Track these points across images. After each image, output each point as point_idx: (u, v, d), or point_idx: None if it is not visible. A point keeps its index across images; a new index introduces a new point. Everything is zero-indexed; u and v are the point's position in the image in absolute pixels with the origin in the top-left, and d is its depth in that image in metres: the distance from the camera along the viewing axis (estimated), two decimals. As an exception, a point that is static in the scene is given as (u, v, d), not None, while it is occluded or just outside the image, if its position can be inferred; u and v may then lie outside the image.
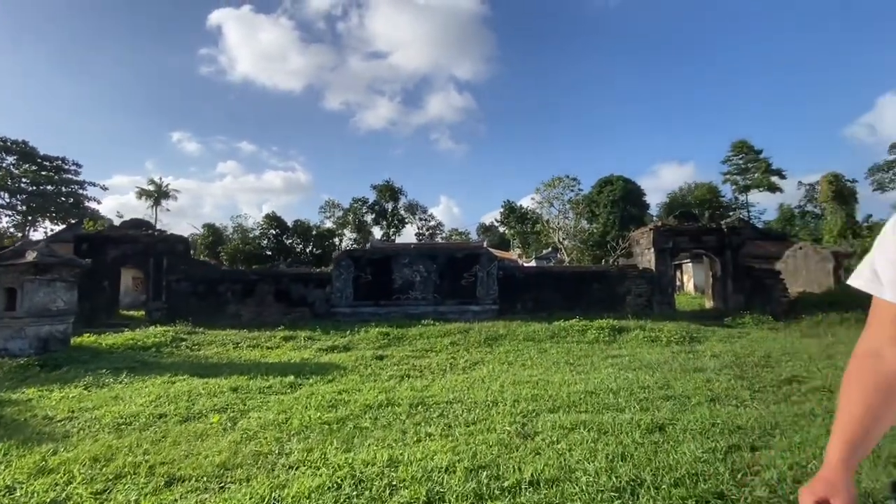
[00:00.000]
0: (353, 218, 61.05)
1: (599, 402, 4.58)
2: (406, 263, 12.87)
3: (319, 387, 5.64)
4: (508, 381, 5.68)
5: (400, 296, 12.83)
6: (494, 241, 57.86)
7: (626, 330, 10.16)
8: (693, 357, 7.40)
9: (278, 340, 10.00)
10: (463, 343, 9.27)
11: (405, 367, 7.00)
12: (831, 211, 36.30)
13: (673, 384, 5.37)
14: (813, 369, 6.25)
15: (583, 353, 8.08)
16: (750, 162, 50.70)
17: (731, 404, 4.50)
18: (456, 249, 13.21)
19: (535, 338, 9.66)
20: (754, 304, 14.03)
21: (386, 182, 64.07)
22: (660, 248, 14.03)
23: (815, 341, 9.17)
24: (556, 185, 31.42)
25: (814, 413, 4.10)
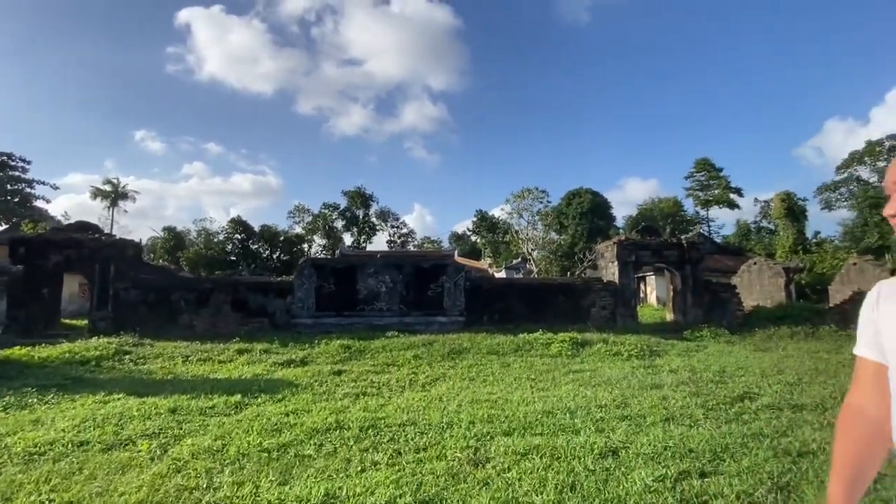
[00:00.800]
0: (323, 224, 59.98)
1: (556, 423, 4.48)
2: (372, 273, 12.58)
3: (267, 407, 5.32)
4: (467, 399, 5.53)
5: (364, 306, 12.52)
6: (466, 250, 58.08)
7: (590, 343, 10.21)
8: (652, 372, 7.47)
9: (232, 353, 9.52)
10: (426, 357, 9.07)
11: (363, 384, 6.74)
12: (783, 227, 38.24)
13: (630, 402, 5.35)
14: (764, 385, 6.39)
15: (545, 367, 8.02)
16: (711, 179, 53.03)
17: (685, 424, 4.50)
18: (423, 259, 13.03)
19: (499, 351, 9.57)
20: (712, 317, 14.47)
21: (357, 188, 63.38)
22: (623, 261, 14.30)
23: (766, 355, 9.47)
24: (526, 196, 31.85)
25: (762, 433, 4.13)
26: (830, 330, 12.16)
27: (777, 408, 5.18)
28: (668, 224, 41.89)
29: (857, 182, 43.51)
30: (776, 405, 5.27)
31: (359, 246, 58.12)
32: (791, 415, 4.89)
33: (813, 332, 12.25)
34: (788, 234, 37.29)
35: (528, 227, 32.17)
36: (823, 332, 12.13)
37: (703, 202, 53.43)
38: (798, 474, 3.19)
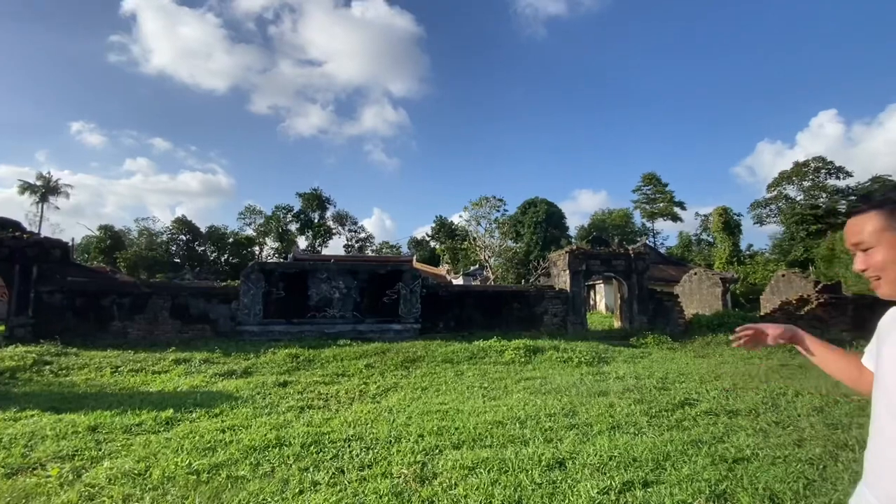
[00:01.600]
0: (276, 226, 57.87)
1: (505, 434, 4.45)
2: (324, 279, 12.18)
3: (201, 423, 4.94)
4: (418, 411, 5.40)
5: (316, 313, 12.09)
6: (425, 256, 57.90)
7: (542, 350, 10.36)
8: (600, 379, 7.66)
9: (168, 363, 8.87)
10: (378, 366, 8.85)
11: (309, 396, 6.44)
12: (721, 240, 40.96)
13: (578, 410, 5.42)
14: (703, 391, 6.70)
15: (498, 375, 8.04)
16: (657, 193, 56.08)
17: (630, 432, 4.60)
18: (378, 265, 12.79)
19: (453, 359, 9.50)
20: (656, 325, 15.16)
21: (314, 190, 61.78)
22: (574, 270, 14.71)
23: (705, 361, 10.00)
24: (484, 204, 32.27)
25: (701, 440, 4.29)
26: (761, 337, 13.04)
27: (714, 413, 5.42)
28: (618, 235, 43.78)
29: (785, 199, 47.42)
30: (713, 411, 5.52)
31: (314, 250, 56.53)
32: (727, 420, 5.13)
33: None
34: (725, 246, 39.99)
35: (486, 235, 32.56)
36: (755, 338, 12.99)
37: (650, 214, 56.40)
38: (734, 481, 3.31)
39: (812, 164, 45.98)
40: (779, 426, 4.90)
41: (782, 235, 44.93)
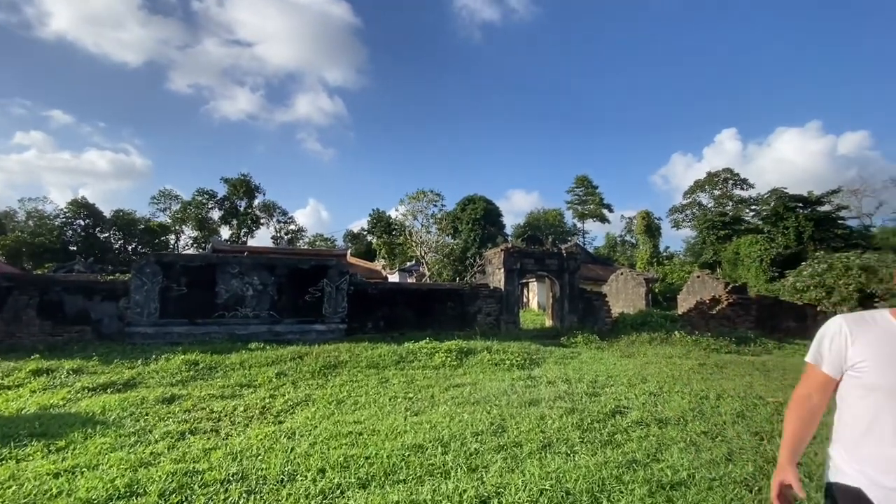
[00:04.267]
0: (196, 213, 53.06)
1: (425, 462, 3.81)
2: (236, 273, 10.83)
3: (31, 464, 3.79)
4: (326, 434, 4.60)
5: (225, 313, 10.72)
6: (362, 250, 56.13)
7: (474, 352, 9.92)
8: (531, 384, 7.30)
9: (24, 375, 7.26)
10: (293, 374, 7.86)
11: (197, 416, 5.39)
12: (643, 242, 43.70)
13: (508, 425, 4.94)
14: (631, 396, 6.55)
15: (426, 382, 7.41)
16: (587, 195, 58.76)
17: (562, 452, 4.17)
18: (301, 260, 11.64)
19: (379, 364, 8.74)
20: (585, 323, 15.43)
21: (242, 176, 57.41)
22: (509, 268, 14.52)
23: (631, 362, 10.10)
24: (421, 198, 31.57)
25: (636, 460, 3.95)
26: (681, 336, 13.65)
27: (645, 423, 5.19)
28: (551, 234, 45.20)
29: (698, 206, 51.70)
30: (644, 420, 5.29)
31: (238, 240, 52.63)
32: (658, 432, 4.89)
33: (667, 338, 13.65)
34: (647, 248, 42.72)
35: (423, 230, 31.91)
36: (675, 337, 13.57)
37: (581, 215, 59.04)
38: (674, 517, 2.93)
39: (722, 174, 50.55)
40: (708, 437, 4.74)
41: (695, 239, 48.91)
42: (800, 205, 39.09)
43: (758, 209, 46.31)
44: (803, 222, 37.30)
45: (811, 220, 37.32)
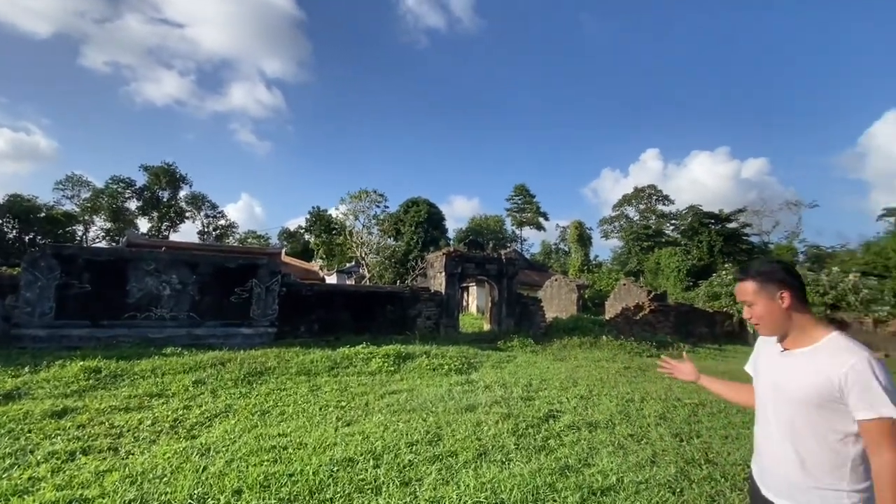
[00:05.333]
0: (109, 203, 48.04)
1: (354, 477, 3.58)
2: (151, 271, 9.80)
3: None
4: (246, 449, 4.20)
5: (137, 314, 9.66)
6: (298, 250, 53.81)
7: (412, 357, 9.73)
8: (469, 389, 7.27)
9: None
10: (212, 382, 7.21)
11: (94, 432, 4.73)
12: (575, 250, 45.94)
13: (444, 433, 4.82)
14: (563, 400, 6.72)
15: (361, 389, 7.12)
16: (526, 203, 60.77)
17: (498, 460, 4.12)
18: (227, 258, 10.81)
19: (311, 370, 8.28)
20: (521, 327, 15.81)
21: (165, 165, 52.87)
22: (450, 272, 14.52)
23: (563, 365, 10.43)
24: (364, 198, 30.85)
25: (568, 466, 3.99)
26: (608, 340, 14.41)
27: (576, 427, 5.32)
28: (492, 240, 46.15)
29: (625, 219, 55.35)
30: (575, 424, 5.42)
31: (158, 234, 48.36)
32: (588, 435, 5.02)
33: (595, 342, 14.34)
34: (578, 256, 44.95)
35: (364, 231, 31.17)
36: (603, 341, 14.30)
37: (519, 223, 60.91)
38: (604, 524, 2.95)
39: (647, 190, 54.57)
40: (634, 439, 4.93)
41: (622, 249, 52.33)
42: (712, 221, 43.15)
43: (677, 224, 50.52)
44: (714, 237, 41.21)
45: (721, 235, 41.32)
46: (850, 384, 1.49)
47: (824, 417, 1.56)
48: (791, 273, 1.74)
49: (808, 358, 1.63)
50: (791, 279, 1.72)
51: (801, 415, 1.61)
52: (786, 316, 1.70)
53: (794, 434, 1.63)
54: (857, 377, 1.49)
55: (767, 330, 1.76)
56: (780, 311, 1.71)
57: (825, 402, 1.55)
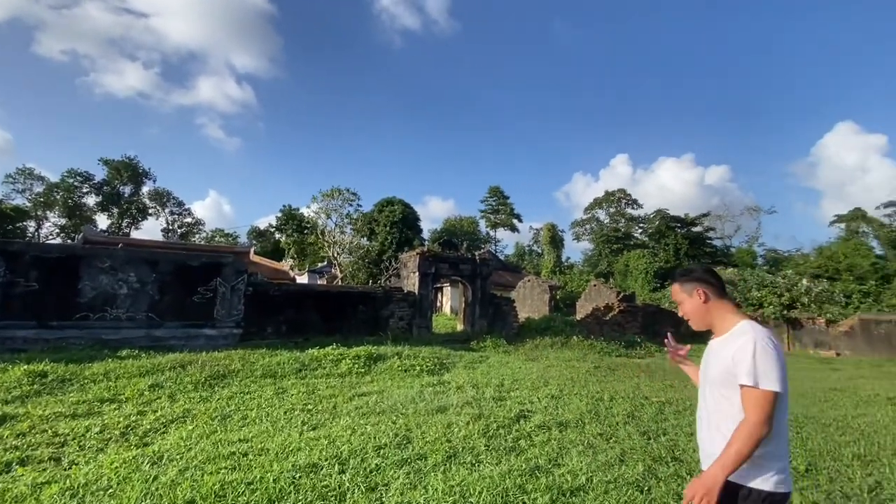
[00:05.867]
0: (65, 198, 45.56)
1: (318, 484, 3.43)
2: (106, 269, 9.27)
3: None
4: (202, 456, 3.97)
5: (90, 314, 9.12)
6: (268, 249, 52.43)
7: (383, 358, 9.57)
8: (440, 390, 7.18)
9: None
10: (171, 385, 6.86)
11: (35, 440, 4.38)
12: (548, 252, 46.60)
13: (413, 436, 4.71)
14: (535, 400, 6.73)
15: (329, 392, 6.92)
16: (500, 205, 61.25)
17: (467, 462, 4.04)
18: (190, 256, 10.36)
19: (277, 373, 8.01)
20: (494, 327, 15.85)
21: (126, 159, 50.57)
22: (424, 272, 14.41)
23: (535, 365, 10.49)
24: (336, 196, 30.32)
25: (538, 467, 3.96)
26: (578, 340, 14.61)
27: (547, 427, 5.31)
28: (466, 241, 46.26)
29: (596, 222, 56.55)
30: (546, 424, 5.41)
31: (119, 231, 46.22)
32: (559, 435, 5.02)
33: (567, 342, 14.52)
34: (551, 257, 45.61)
35: (337, 230, 30.62)
36: (574, 341, 14.49)
37: (493, 224, 61.33)
38: (573, 525, 2.92)
39: (617, 194, 55.94)
40: (603, 438, 4.95)
41: (593, 251, 53.46)
42: (678, 225, 44.63)
43: (645, 227, 52.01)
44: (680, 240, 42.62)
45: (687, 238, 42.79)
46: (736, 360, 1.73)
47: (730, 393, 1.77)
48: (708, 273, 2.01)
49: (723, 343, 1.86)
50: (708, 277, 1.98)
51: (715, 394, 1.83)
52: (705, 310, 1.95)
53: (713, 411, 1.84)
54: (742, 354, 1.72)
55: (695, 323, 2.00)
56: (700, 305, 1.96)
57: (728, 378, 1.77)
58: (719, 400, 1.81)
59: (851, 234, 38.97)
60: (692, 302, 1.98)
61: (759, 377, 1.66)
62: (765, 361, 1.67)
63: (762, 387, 1.65)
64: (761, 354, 1.68)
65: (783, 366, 1.69)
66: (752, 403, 1.66)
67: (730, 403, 1.76)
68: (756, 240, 48.40)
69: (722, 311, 1.92)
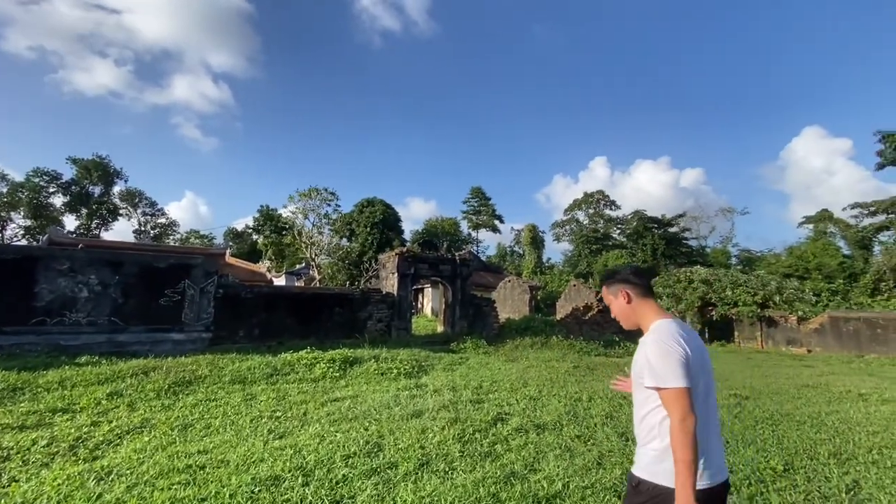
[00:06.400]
0: (30, 198, 43.65)
1: (278, 498, 3.20)
2: (65, 271, 8.78)
3: None
4: (155, 470, 3.70)
5: (47, 319, 8.61)
6: (245, 251, 51.33)
7: (360, 361, 9.33)
8: (417, 394, 6.99)
9: None
10: (131, 393, 6.48)
11: (-31, 458, 4.02)
12: (529, 252, 46.86)
13: (385, 443, 4.52)
14: (513, 402, 6.61)
15: (300, 398, 6.65)
16: (482, 206, 61.37)
17: (440, 469, 3.87)
18: (156, 257, 9.91)
19: (247, 378, 7.69)
20: (475, 328, 15.73)
21: (97, 158, 48.82)
22: (403, 273, 14.19)
23: (514, 366, 10.39)
24: (314, 196, 29.76)
25: (514, 472, 3.81)
26: (558, 340, 14.60)
27: (524, 430, 5.18)
28: (447, 241, 46.14)
29: (576, 223, 57.16)
30: (524, 427, 5.29)
31: (88, 233, 44.54)
32: (536, 438, 4.89)
33: (546, 342, 14.49)
34: (532, 258, 45.87)
35: (314, 230, 30.07)
36: (554, 341, 14.47)
37: (475, 225, 61.41)
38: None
39: (596, 195, 56.68)
40: (581, 440, 4.85)
41: (572, 252, 54.01)
42: (655, 226, 45.45)
43: (623, 228, 52.81)
44: (658, 241, 43.41)
45: (664, 239, 43.60)
46: (640, 363, 1.80)
47: (641, 391, 1.82)
48: (634, 274, 2.02)
49: (640, 344, 1.88)
50: (632, 278, 2.00)
51: (635, 391, 1.89)
52: (630, 310, 1.98)
53: (637, 406, 1.88)
54: (643, 358, 1.78)
55: (623, 323, 2.04)
56: (625, 306, 1.99)
57: (637, 380, 1.84)
58: (637, 396, 1.87)
59: (820, 234, 40.31)
60: (617, 303, 2.01)
61: (660, 378, 1.69)
62: (660, 361, 1.70)
63: (668, 386, 1.67)
64: (656, 355, 1.72)
65: (683, 361, 1.69)
66: (668, 404, 1.68)
67: (644, 399, 1.81)
68: (730, 240, 49.66)
69: (645, 311, 1.94)
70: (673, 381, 1.66)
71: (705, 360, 1.82)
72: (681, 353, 1.71)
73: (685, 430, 1.60)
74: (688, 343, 1.76)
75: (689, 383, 1.67)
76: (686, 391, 1.65)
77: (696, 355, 1.76)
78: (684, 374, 1.67)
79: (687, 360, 1.70)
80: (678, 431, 1.61)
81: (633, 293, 1.97)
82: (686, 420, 1.61)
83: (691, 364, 1.71)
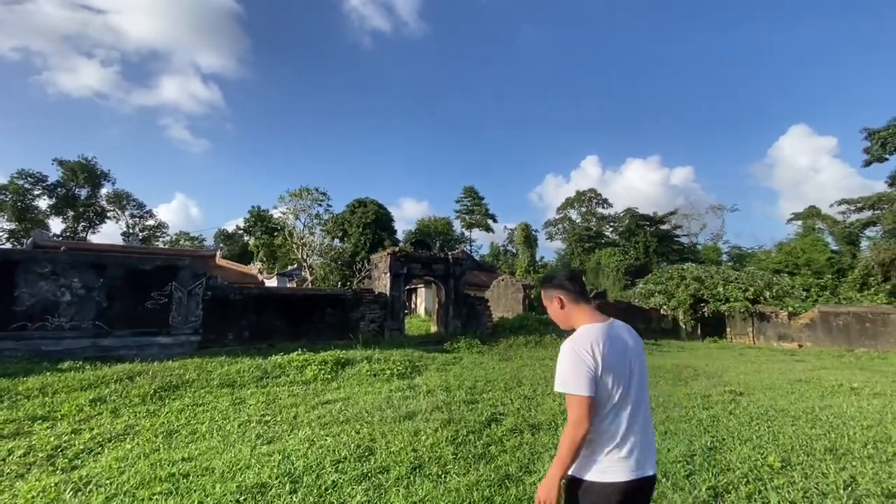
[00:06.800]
0: (14, 201, 42.83)
1: (265, 507, 3.08)
2: (46, 274, 8.54)
3: None
4: (136, 480, 3.55)
5: (28, 324, 8.37)
6: (236, 252, 50.81)
7: (352, 363, 9.19)
8: (410, 395, 6.89)
9: None
10: (115, 399, 6.30)
11: (-60, 470, 3.84)
12: (522, 251, 46.90)
13: (377, 446, 4.40)
14: (507, 401, 6.52)
15: (291, 401, 6.51)
16: (474, 205, 61.32)
17: (433, 473, 3.77)
18: (141, 259, 9.70)
19: (236, 382, 7.52)
20: (468, 328, 15.64)
21: (83, 160, 48.05)
22: (395, 273, 14.06)
23: (508, 365, 10.32)
24: (305, 196, 29.48)
25: (509, 475, 3.72)
26: (552, 338, 14.56)
27: (519, 430, 5.10)
28: (440, 241, 46.02)
29: (568, 221, 57.32)
30: (518, 427, 5.20)
31: (75, 236, 43.82)
32: (531, 438, 4.81)
33: (540, 340, 14.45)
34: (525, 257, 45.92)
35: (306, 231, 29.81)
36: (547, 340, 14.43)
37: (468, 224, 61.34)
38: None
39: (588, 194, 56.88)
40: (576, 440, 4.77)
41: (565, 250, 54.17)
42: (647, 223, 45.70)
43: (615, 226, 53.05)
44: (650, 238, 43.66)
45: (655, 236, 43.86)
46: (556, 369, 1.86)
47: None
48: (568, 279, 2.04)
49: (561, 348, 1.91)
50: (565, 284, 2.03)
51: None
52: (564, 315, 2.01)
53: None
54: (558, 361, 1.84)
55: (560, 325, 2.07)
56: (559, 311, 2.02)
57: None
58: None
59: (808, 230, 40.79)
60: (552, 307, 2.05)
61: (565, 384, 1.76)
62: (567, 369, 1.77)
63: (570, 392, 1.74)
64: (565, 362, 1.79)
65: (590, 372, 1.74)
66: (569, 407, 1.76)
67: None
68: (721, 237, 50.10)
69: (576, 316, 1.98)
70: (575, 389, 1.73)
71: (629, 361, 1.85)
72: (590, 362, 1.75)
73: (574, 434, 1.71)
74: (608, 349, 1.79)
75: (592, 392, 1.72)
76: (587, 400, 1.71)
77: (616, 359, 1.79)
78: (588, 385, 1.72)
79: (595, 370, 1.74)
80: (568, 432, 1.73)
81: (566, 298, 2.01)
82: (578, 426, 1.70)
83: (603, 370, 1.75)
